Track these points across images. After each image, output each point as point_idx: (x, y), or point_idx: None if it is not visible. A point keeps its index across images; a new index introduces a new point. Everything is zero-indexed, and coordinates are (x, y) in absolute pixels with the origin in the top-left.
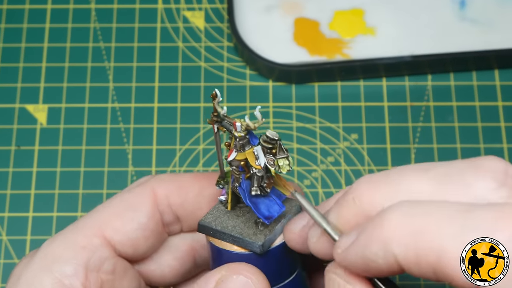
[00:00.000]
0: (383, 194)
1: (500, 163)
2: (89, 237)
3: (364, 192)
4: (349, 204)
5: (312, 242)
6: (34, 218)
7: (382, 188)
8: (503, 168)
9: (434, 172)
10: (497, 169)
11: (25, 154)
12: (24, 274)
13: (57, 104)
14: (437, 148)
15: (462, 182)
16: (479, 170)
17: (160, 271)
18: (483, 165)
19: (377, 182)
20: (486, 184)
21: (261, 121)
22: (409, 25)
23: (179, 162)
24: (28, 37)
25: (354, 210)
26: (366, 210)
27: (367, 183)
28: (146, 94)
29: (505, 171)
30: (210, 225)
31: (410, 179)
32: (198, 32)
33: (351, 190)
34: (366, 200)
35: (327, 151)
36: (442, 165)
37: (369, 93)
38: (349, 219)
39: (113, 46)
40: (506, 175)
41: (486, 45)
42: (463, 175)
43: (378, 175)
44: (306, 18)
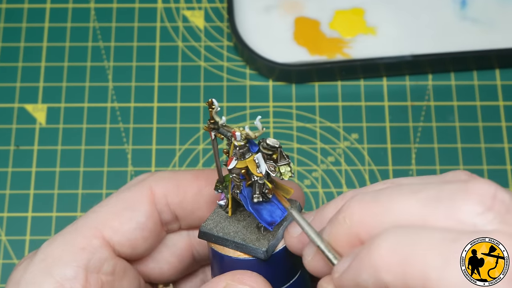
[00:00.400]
0: (373, 216)
1: (490, 187)
2: (88, 238)
3: (355, 212)
4: (340, 224)
5: (307, 260)
6: (33, 218)
7: (373, 209)
8: (492, 192)
9: (425, 194)
10: (485, 193)
11: (24, 154)
12: (24, 278)
13: (56, 104)
14: (438, 148)
15: (451, 206)
16: (468, 194)
17: (158, 268)
18: (473, 188)
19: (368, 203)
20: (473, 208)
21: (262, 131)
22: (409, 24)
23: (179, 162)
24: (27, 36)
25: (345, 230)
26: (357, 231)
27: (359, 203)
28: (146, 93)
29: (493, 195)
30: (211, 231)
31: (400, 201)
32: (198, 32)
33: (343, 209)
34: (356, 220)
35: (327, 151)
36: (434, 187)
37: (369, 92)
38: (341, 239)
39: (113, 45)
40: (494, 199)
41: (487, 45)
42: (452, 199)
43: (369, 195)
44: (306, 17)
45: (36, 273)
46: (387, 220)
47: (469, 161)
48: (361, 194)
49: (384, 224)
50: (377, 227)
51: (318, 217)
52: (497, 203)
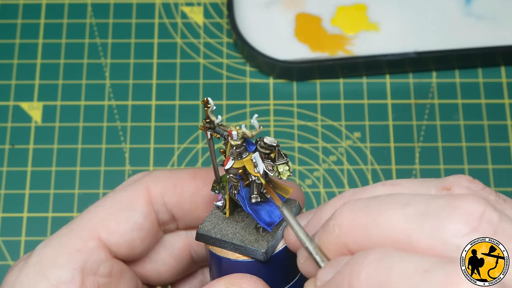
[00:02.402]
0: (361, 227)
1: (479, 206)
2: (84, 239)
3: (344, 220)
4: (330, 232)
5: (300, 263)
6: (29, 218)
7: (362, 220)
8: (480, 211)
9: (413, 209)
10: (473, 212)
11: (19, 153)
12: (18, 281)
13: (52, 102)
14: (442, 147)
15: (436, 225)
16: (454, 212)
17: (156, 269)
18: (460, 207)
19: (358, 212)
20: (458, 228)
21: (259, 130)
22: (413, 20)
23: (178, 161)
24: (23, 33)
25: (334, 239)
26: (345, 241)
27: (350, 211)
28: (144, 91)
29: (481, 215)
30: (209, 233)
31: (388, 214)
32: (197, 28)
33: (334, 215)
34: (345, 229)
35: (329, 150)
36: (423, 201)
37: (372, 90)
38: (330, 247)
39: (110, 42)
40: (480, 220)
41: (492, 41)
42: (439, 217)
43: (361, 203)
44: (307, 13)
45: (31, 276)
46: (374, 233)
47: (474, 160)
48: (353, 202)
49: (371, 236)
50: (364, 238)
51: (316, 217)
52: (484, 224)
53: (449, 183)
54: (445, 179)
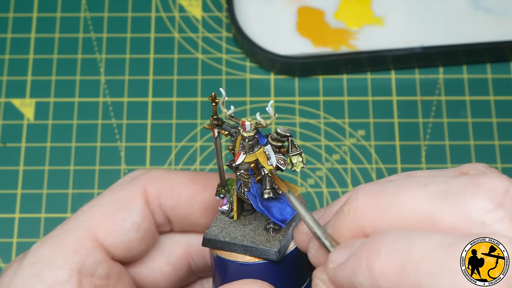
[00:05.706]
0: (378, 209)
1: (502, 182)
2: (80, 239)
3: (360, 205)
4: (345, 217)
5: (311, 253)
6: (21, 219)
7: (379, 202)
8: (504, 187)
9: (433, 188)
10: (497, 188)
11: (11, 151)
12: (13, 282)
13: (45, 99)
14: (449, 145)
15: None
16: (478, 189)
17: (152, 277)
18: (483, 183)
19: (374, 195)
20: (483, 205)
21: (274, 117)
22: (419, 14)
23: (175, 160)
24: (14, 27)
25: (349, 223)
26: (361, 224)
27: (365, 195)
28: (140, 87)
29: (505, 191)
30: (217, 237)
31: (407, 195)
32: (195, 22)
33: (348, 200)
34: (361, 213)
35: (332, 149)
36: (443, 181)
37: (376, 86)
38: (344, 232)
39: (105, 36)
40: (505, 196)
41: (501, 36)
42: (461, 194)
43: (377, 186)
44: (310, 7)
45: (26, 277)
46: (393, 214)
47: (482, 159)
48: (368, 185)
49: (389, 218)
50: (382, 220)
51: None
52: (509, 199)
53: (466, 169)
54: (462, 166)
